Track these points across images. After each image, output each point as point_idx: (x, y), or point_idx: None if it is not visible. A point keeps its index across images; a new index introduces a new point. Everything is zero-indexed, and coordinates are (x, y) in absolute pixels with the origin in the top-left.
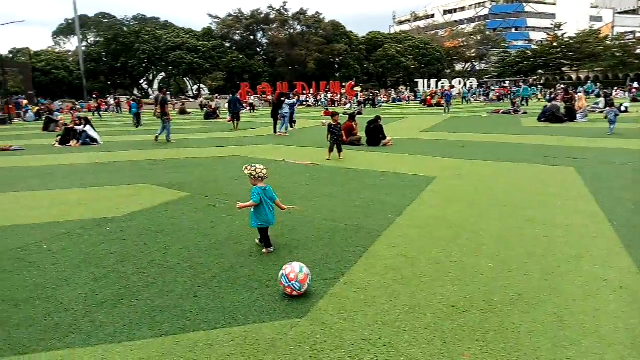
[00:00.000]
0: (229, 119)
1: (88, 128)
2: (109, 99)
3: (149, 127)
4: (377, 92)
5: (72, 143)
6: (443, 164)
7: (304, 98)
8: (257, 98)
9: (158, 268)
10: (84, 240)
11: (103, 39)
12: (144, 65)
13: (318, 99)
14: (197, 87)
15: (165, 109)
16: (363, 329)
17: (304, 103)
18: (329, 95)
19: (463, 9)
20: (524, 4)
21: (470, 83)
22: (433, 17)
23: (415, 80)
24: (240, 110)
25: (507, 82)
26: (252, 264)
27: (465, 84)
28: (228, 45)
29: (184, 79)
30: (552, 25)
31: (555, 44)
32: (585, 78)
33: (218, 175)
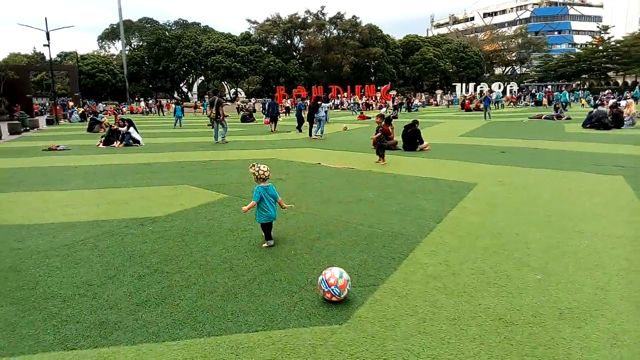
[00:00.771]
0: (267, 122)
1: (131, 130)
2: (150, 101)
3: (188, 129)
4: (411, 95)
5: (115, 144)
6: (484, 170)
7: (339, 102)
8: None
9: (199, 268)
10: (128, 239)
11: (146, 43)
12: (184, 69)
13: (350, 103)
14: (234, 90)
15: (220, 111)
16: (405, 339)
17: (339, 107)
18: (364, 99)
19: (504, 12)
20: (568, 7)
21: (510, 87)
22: (472, 20)
23: (453, 84)
24: (279, 114)
25: (549, 86)
26: (290, 267)
27: (499, 87)
28: (265, 50)
29: (222, 83)
30: (598, 28)
31: (601, 48)
32: (633, 83)
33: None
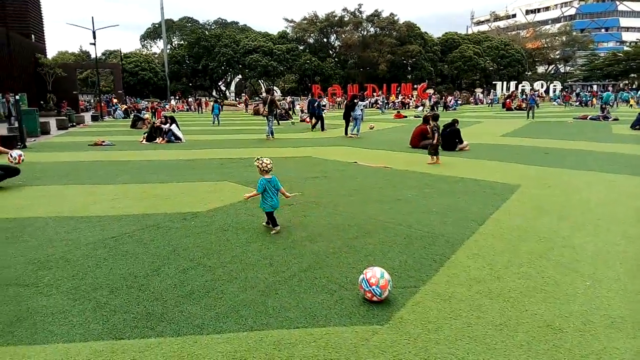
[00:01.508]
0: (308, 120)
1: (174, 127)
2: (190, 99)
3: (226, 126)
4: (445, 93)
5: (158, 140)
6: (527, 172)
7: (374, 100)
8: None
9: (240, 263)
10: (172, 233)
11: (186, 42)
12: (223, 68)
13: (386, 102)
14: (270, 88)
15: (273, 109)
16: (450, 343)
17: (374, 105)
18: (400, 98)
19: (547, 9)
20: (617, 3)
21: (554, 86)
22: (514, 17)
23: (493, 82)
24: (320, 111)
25: (594, 86)
26: (329, 265)
27: (542, 86)
28: (301, 48)
29: (258, 81)
30: None
31: None
32: None
33: (291, 175)
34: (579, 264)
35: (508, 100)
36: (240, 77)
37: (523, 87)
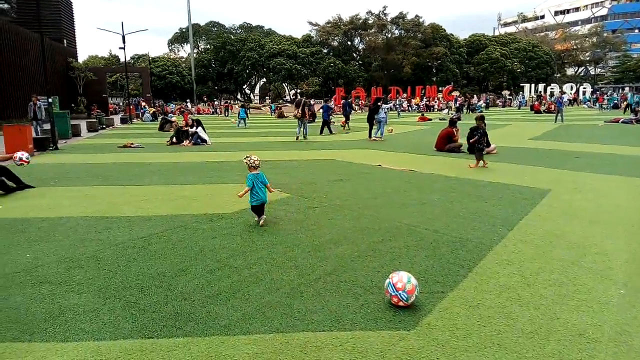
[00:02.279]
0: (343, 122)
1: (199, 130)
2: (216, 103)
3: (252, 129)
4: (470, 95)
5: (185, 142)
6: (557, 176)
7: (398, 103)
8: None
9: (266, 265)
10: (199, 234)
11: (212, 47)
12: (248, 71)
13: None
14: (294, 92)
15: (306, 112)
16: (479, 350)
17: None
18: (424, 100)
19: (577, 10)
20: None
21: (584, 89)
22: (543, 18)
23: (521, 84)
24: (350, 113)
25: (625, 88)
26: (354, 269)
27: (572, 88)
28: (325, 51)
29: (282, 84)
30: None
31: None
32: None
33: (316, 178)
34: (612, 271)
35: (536, 103)
36: (265, 80)
37: (552, 89)
